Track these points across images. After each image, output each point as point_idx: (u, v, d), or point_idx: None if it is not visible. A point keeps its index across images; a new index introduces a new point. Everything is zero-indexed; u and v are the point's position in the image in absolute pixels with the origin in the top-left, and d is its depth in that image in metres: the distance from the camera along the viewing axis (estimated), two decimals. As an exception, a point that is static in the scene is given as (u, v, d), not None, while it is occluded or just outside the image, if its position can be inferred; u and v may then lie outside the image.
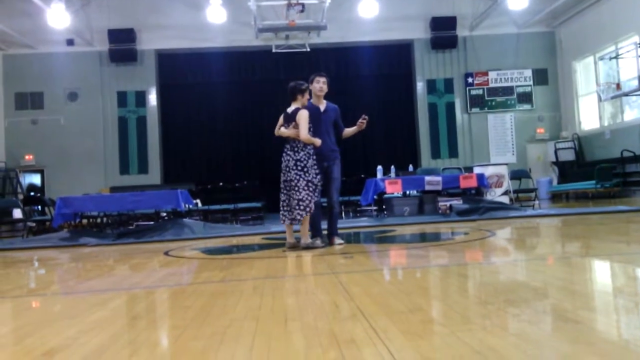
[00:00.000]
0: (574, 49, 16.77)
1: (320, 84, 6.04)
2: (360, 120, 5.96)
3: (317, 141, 5.70)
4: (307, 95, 5.87)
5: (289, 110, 5.82)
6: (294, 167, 5.66)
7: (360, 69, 17.30)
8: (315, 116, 5.95)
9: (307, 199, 5.64)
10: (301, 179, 5.63)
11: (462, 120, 17.52)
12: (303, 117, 5.65)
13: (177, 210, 9.92)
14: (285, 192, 5.77)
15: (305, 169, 5.65)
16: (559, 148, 16.72)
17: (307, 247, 5.67)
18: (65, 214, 9.22)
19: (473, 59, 17.45)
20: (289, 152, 5.74)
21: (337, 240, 6.00)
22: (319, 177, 5.74)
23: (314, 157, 5.74)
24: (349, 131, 6.17)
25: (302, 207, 5.63)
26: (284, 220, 5.79)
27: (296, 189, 5.65)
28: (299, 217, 5.65)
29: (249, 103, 17.00)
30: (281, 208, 5.80)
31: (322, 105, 6.08)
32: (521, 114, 17.54)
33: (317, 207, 5.93)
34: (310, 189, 5.64)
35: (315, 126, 5.89)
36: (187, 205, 10.02)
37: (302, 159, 5.67)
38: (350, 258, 4.88)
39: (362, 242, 6.80)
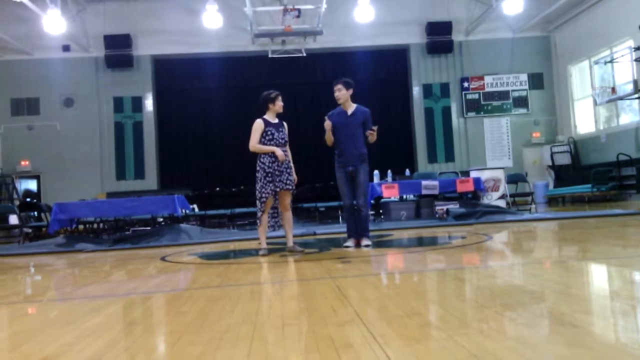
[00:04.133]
0: (569, 53, 16.84)
1: (335, 93, 6.15)
2: (367, 132, 5.98)
3: (267, 149, 5.77)
4: (279, 103, 5.97)
5: (274, 121, 5.97)
6: (256, 178, 5.89)
7: (357, 74, 17.28)
8: (341, 120, 6.09)
9: (257, 207, 5.89)
10: (256, 190, 5.88)
11: (458, 124, 17.55)
12: (254, 127, 5.88)
13: (173, 215, 9.90)
14: None
15: (256, 179, 5.87)
16: (555, 152, 16.76)
17: (258, 254, 5.87)
18: (62, 220, 9.21)
19: (469, 64, 17.50)
20: None
21: (364, 242, 6.07)
22: (269, 186, 5.78)
23: (270, 166, 5.81)
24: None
25: (257, 216, 5.95)
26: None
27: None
28: (258, 226, 5.97)
29: (246, 108, 16.95)
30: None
31: (351, 109, 6.14)
32: (517, 118, 17.58)
33: (348, 209, 6.15)
34: (257, 196, 5.87)
35: (340, 131, 6.05)
36: (183, 211, 10.02)
37: (256, 169, 5.90)
38: (348, 263, 4.88)
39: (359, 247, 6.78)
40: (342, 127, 6.07)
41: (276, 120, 5.99)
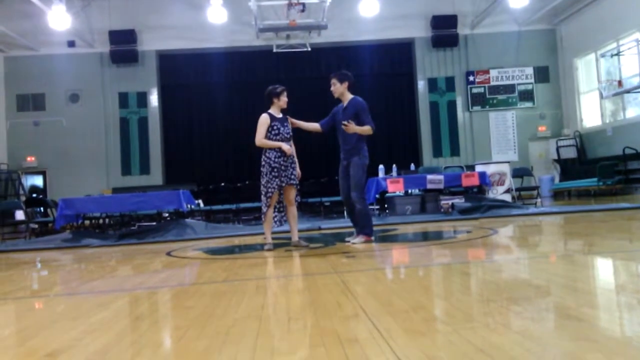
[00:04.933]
0: (575, 46, 16.75)
1: (331, 88, 6.15)
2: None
3: (274, 144, 5.75)
4: (283, 98, 5.96)
5: (279, 115, 5.96)
6: (261, 173, 5.89)
7: (361, 68, 17.26)
8: (338, 115, 6.09)
9: (263, 202, 5.88)
10: (261, 185, 5.87)
11: (463, 118, 17.50)
12: (259, 122, 5.86)
13: (179, 210, 9.93)
14: None
15: (262, 174, 5.85)
16: (560, 146, 16.70)
17: (263, 249, 5.87)
18: (68, 216, 9.24)
19: (474, 57, 17.42)
20: None
21: (357, 239, 5.99)
22: (276, 181, 5.78)
23: (276, 160, 5.80)
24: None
25: (262, 211, 5.92)
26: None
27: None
28: (263, 220, 5.95)
29: (250, 103, 16.96)
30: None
31: (346, 103, 6.09)
32: (523, 112, 17.51)
33: (344, 203, 6.20)
34: (262, 192, 5.86)
35: (338, 125, 6.05)
36: (189, 206, 10.04)
37: (262, 164, 5.88)
38: (353, 257, 4.88)
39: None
40: (339, 122, 6.00)
41: (280, 115, 5.99)
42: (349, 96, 6.09)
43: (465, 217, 9.07)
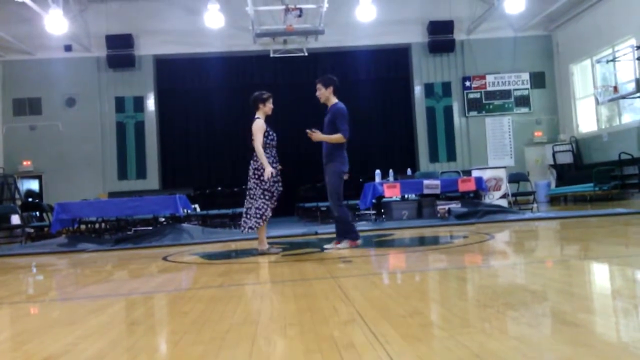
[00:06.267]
0: (571, 52, 16.81)
1: (316, 93, 6.03)
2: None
3: (266, 163, 5.61)
4: (269, 105, 5.93)
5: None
6: (253, 176, 5.79)
7: (358, 73, 17.30)
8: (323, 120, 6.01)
9: (263, 207, 5.76)
10: (258, 188, 5.76)
11: (460, 123, 17.53)
12: (257, 127, 5.76)
13: (175, 215, 9.91)
14: (247, 199, 5.86)
15: (262, 177, 5.70)
16: (556, 151, 16.74)
17: (262, 254, 5.79)
18: (64, 220, 9.21)
19: (470, 63, 17.47)
20: (251, 161, 5.84)
21: (342, 244, 5.92)
22: (277, 185, 5.77)
23: (275, 167, 5.81)
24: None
25: (258, 216, 5.76)
26: (244, 229, 5.84)
27: (254, 197, 5.79)
28: (256, 225, 5.77)
29: (247, 108, 16.85)
30: (243, 215, 5.90)
31: (329, 108, 6.02)
32: (519, 117, 17.55)
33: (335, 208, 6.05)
34: (266, 197, 5.75)
35: (321, 130, 5.93)
36: (185, 210, 10.02)
37: (259, 168, 5.76)
38: (349, 262, 4.88)
39: (360, 247, 6.78)
40: (322, 127, 5.94)
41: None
42: (334, 101, 5.97)
43: (461, 222, 9.07)
